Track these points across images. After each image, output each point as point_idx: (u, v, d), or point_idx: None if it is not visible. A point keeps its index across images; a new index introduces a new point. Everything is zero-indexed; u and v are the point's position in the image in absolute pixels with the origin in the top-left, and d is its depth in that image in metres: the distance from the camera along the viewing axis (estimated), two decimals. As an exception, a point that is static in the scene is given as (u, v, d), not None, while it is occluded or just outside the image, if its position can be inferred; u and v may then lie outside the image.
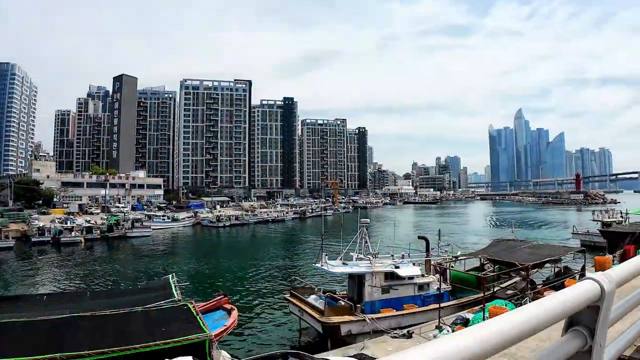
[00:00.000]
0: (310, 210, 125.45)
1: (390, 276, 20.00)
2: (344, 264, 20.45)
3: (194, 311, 11.11)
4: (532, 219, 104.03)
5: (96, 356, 8.53)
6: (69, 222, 73.65)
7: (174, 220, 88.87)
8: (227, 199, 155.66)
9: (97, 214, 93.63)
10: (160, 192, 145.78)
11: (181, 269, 41.61)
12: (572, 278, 22.50)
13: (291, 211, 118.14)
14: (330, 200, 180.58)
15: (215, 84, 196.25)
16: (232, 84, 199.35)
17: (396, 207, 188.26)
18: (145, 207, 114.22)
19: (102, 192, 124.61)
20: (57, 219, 77.77)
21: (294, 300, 19.87)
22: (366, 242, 20.71)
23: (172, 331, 9.63)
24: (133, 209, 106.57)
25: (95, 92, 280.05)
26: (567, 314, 1.92)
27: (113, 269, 43.52)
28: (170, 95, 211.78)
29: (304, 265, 43.32)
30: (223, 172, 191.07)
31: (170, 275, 16.18)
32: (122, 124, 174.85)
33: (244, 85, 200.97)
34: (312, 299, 19.83)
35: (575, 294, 1.96)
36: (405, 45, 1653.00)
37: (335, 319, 17.37)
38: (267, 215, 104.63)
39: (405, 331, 16.55)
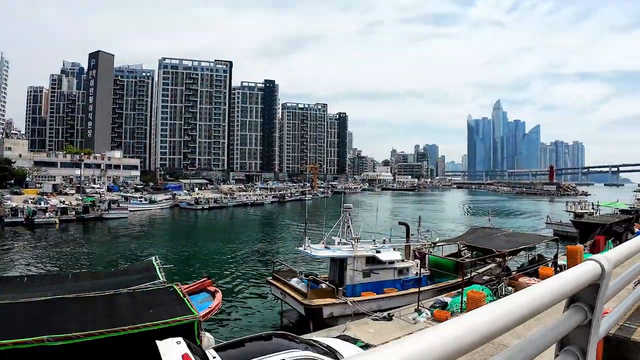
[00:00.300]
0: (289, 195, 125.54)
1: (372, 260, 20.35)
2: (326, 247, 20.69)
3: (180, 293, 11.13)
4: (507, 208, 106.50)
5: (85, 338, 8.47)
6: (42, 202, 71.98)
7: (152, 202, 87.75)
8: (205, 181, 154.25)
9: (72, 194, 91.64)
10: (137, 173, 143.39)
11: (160, 251, 41.23)
12: (546, 265, 23.30)
13: (270, 195, 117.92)
14: (309, 185, 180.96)
15: (195, 63, 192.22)
16: (212, 64, 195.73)
17: (374, 193, 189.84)
18: (121, 188, 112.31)
19: (77, 172, 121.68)
20: (31, 199, 75.92)
21: (277, 283, 20.06)
22: (349, 226, 20.96)
23: (161, 313, 9.63)
24: (109, 190, 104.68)
25: (70, 69, 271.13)
26: (573, 291, 2.06)
27: (90, 251, 42.96)
28: (148, 74, 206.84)
29: (284, 249, 43.60)
30: (201, 155, 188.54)
31: (153, 258, 16.12)
32: (98, 103, 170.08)
33: (224, 66, 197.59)
34: (294, 281, 20.07)
35: (580, 273, 2.12)
36: (388, 32, 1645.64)
37: (318, 302, 17.65)
38: (247, 198, 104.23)
39: (385, 314, 16.96)
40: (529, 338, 1.96)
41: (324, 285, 19.80)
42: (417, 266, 22.62)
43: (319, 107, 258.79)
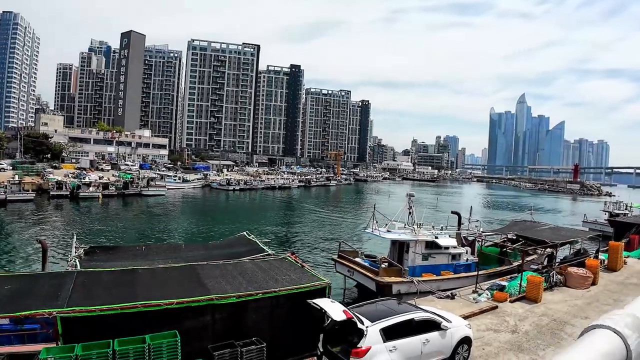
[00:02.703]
0: (314, 180, 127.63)
1: (431, 245, 22.05)
2: (388, 231, 22.43)
3: (297, 263, 12.97)
4: (533, 205, 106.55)
5: (245, 297, 10.22)
6: (85, 177, 75.02)
7: (185, 181, 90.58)
8: (231, 163, 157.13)
9: (108, 170, 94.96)
10: (165, 152, 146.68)
11: (210, 228, 43.67)
12: (590, 257, 24.71)
13: (297, 179, 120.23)
14: (332, 171, 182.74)
15: (224, 46, 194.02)
16: (240, 47, 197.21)
17: (395, 183, 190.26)
18: (152, 166, 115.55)
19: (108, 149, 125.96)
20: (71, 174, 79.18)
21: (344, 261, 21.92)
22: (411, 212, 22.59)
23: (294, 278, 11.40)
24: (140, 167, 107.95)
25: (97, 47, 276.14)
26: None
27: (145, 225, 45.50)
28: (176, 55, 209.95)
29: (322, 230, 45.55)
30: (226, 136, 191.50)
31: (245, 232, 18.01)
32: (129, 82, 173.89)
33: (252, 50, 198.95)
34: (358, 260, 21.91)
35: None
36: (412, 20, 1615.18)
37: (388, 279, 19.49)
38: (274, 182, 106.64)
39: (449, 293, 18.68)
40: None
41: (384, 265, 21.65)
42: (467, 253, 24.32)
43: (343, 93, 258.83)
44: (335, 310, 9.40)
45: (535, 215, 74.91)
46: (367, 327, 9.35)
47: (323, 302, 9.89)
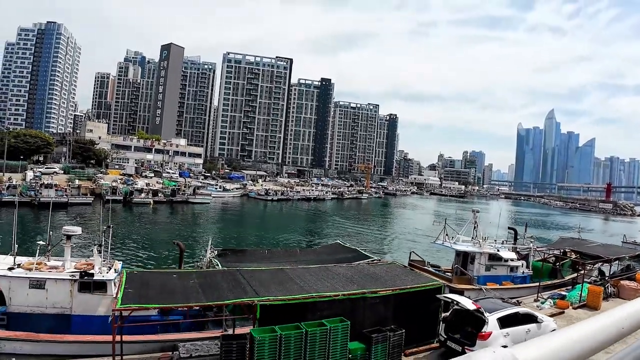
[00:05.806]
0: (347, 192, 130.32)
1: (493, 257, 24.36)
2: (454, 243, 24.84)
3: (405, 266, 15.56)
4: (565, 224, 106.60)
5: (387, 292, 12.76)
6: (133, 184, 78.92)
7: (225, 190, 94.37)
8: (264, 173, 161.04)
9: (151, 177, 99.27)
10: (200, 161, 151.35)
11: (270, 236, 46.58)
12: (638, 272, 26.59)
13: (330, 191, 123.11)
14: (360, 184, 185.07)
15: (258, 59, 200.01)
16: (273, 60, 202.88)
17: (424, 197, 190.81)
18: (191, 175, 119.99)
19: (147, 156, 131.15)
20: (119, 179, 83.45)
21: (415, 269, 24.32)
22: (476, 227, 24.94)
23: (414, 279, 13.96)
24: (180, 175, 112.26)
25: (133, 57, 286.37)
26: None
27: (213, 232, 48.48)
28: (210, 67, 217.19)
29: (371, 241, 47.90)
30: (258, 147, 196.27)
31: (339, 240, 20.70)
32: (167, 92, 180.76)
33: (284, 63, 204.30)
34: (428, 269, 24.34)
35: None
36: (441, 33, 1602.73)
37: (461, 286, 21.86)
38: (309, 193, 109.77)
39: (515, 300, 20.94)
40: None
41: (448, 274, 24.03)
42: (522, 266, 26.49)
43: (371, 107, 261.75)
44: (466, 302, 11.95)
45: (570, 235, 75.84)
46: (488, 316, 11.85)
47: (454, 296, 12.45)
